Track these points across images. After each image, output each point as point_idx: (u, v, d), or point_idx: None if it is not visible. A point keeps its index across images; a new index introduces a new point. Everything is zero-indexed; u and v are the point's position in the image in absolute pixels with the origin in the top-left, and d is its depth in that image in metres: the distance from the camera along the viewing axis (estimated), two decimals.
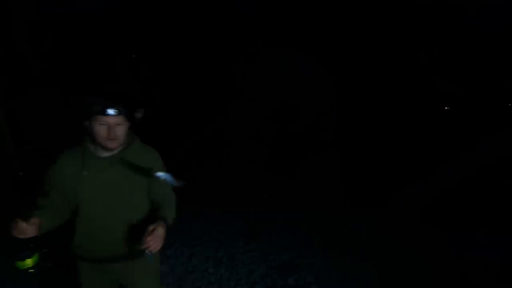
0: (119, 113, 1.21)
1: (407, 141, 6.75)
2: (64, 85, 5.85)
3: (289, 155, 6.59)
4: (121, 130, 1.24)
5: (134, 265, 1.38)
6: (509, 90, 7.20)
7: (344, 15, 7.23)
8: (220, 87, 7.35)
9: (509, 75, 6.99)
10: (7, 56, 5.54)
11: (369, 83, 7.55)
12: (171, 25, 7.21)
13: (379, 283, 2.54)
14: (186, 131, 6.55)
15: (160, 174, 1.15)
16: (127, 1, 6.77)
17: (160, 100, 6.81)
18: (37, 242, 1.15)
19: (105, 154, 1.29)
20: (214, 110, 7.17)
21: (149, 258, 1.11)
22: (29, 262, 1.13)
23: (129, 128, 1.30)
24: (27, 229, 1.08)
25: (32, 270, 1.15)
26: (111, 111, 1.19)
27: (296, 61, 7.28)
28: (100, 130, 1.21)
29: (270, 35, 7.32)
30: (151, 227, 1.13)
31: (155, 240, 1.11)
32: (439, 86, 7.39)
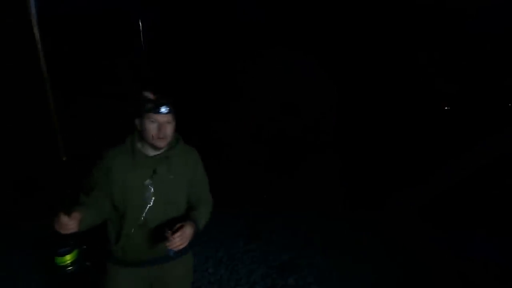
0: (169, 112, 1.23)
1: (407, 141, 6.76)
2: (65, 85, 5.86)
3: (289, 155, 6.59)
4: (170, 129, 1.25)
5: (173, 266, 1.37)
6: (509, 90, 7.20)
7: (345, 16, 7.24)
8: (221, 87, 7.36)
9: (508, 75, 6.99)
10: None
11: (369, 84, 7.56)
12: (172, 25, 7.22)
13: (379, 283, 2.54)
14: (187, 131, 6.55)
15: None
16: (127, 3, 6.78)
17: None
18: (76, 239, 1.13)
19: (153, 153, 1.29)
20: (215, 110, 7.19)
21: (171, 252, 1.12)
22: (68, 258, 1.10)
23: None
24: (68, 223, 1.05)
25: (70, 268, 1.10)
26: (163, 109, 1.21)
27: (296, 61, 7.30)
28: (151, 128, 1.21)
29: (271, 36, 7.33)
30: (178, 225, 1.14)
31: (180, 238, 1.11)
32: (439, 86, 7.40)
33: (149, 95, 1.24)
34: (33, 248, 2.90)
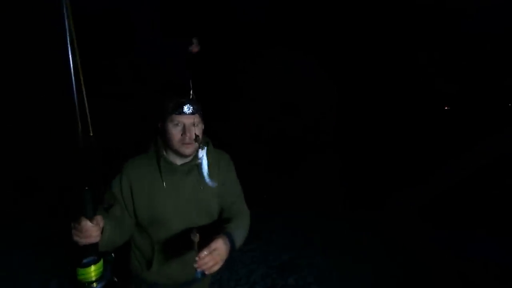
0: (194, 112, 1.05)
1: (407, 141, 6.76)
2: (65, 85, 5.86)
3: (289, 155, 6.59)
4: (197, 132, 1.07)
5: (203, 284, 1.23)
6: (509, 90, 7.20)
7: (345, 17, 7.24)
8: (221, 87, 7.36)
9: (508, 75, 7.00)
10: None
11: (369, 84, 7.56)
12: (172, 25, 7.21)
13: (379, 283, 2.54)
14: None
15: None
16: (127, 3, 6.78)
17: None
18: (98, 249, 0.91)
19: (180, 161, 1.11)
20: (215, 110, 7.18)
21: (198, 275, 0.88)
22: (93, 269, 0.87)
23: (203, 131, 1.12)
24: (92, 230, 0.83)
25: (95, 285, 0.86)
26: (186, 109, 1.04)
27: (296, 62, 7.30)
28: (175, 132, 1.04)
29: (271, 36, 7.34)
30: (211, 244, 0.90)
31: (211, 257, 0.87)
32: (439, 86, 7.40)
33: (172, 95, 1.08)
34: (33, 248, 2.90)
